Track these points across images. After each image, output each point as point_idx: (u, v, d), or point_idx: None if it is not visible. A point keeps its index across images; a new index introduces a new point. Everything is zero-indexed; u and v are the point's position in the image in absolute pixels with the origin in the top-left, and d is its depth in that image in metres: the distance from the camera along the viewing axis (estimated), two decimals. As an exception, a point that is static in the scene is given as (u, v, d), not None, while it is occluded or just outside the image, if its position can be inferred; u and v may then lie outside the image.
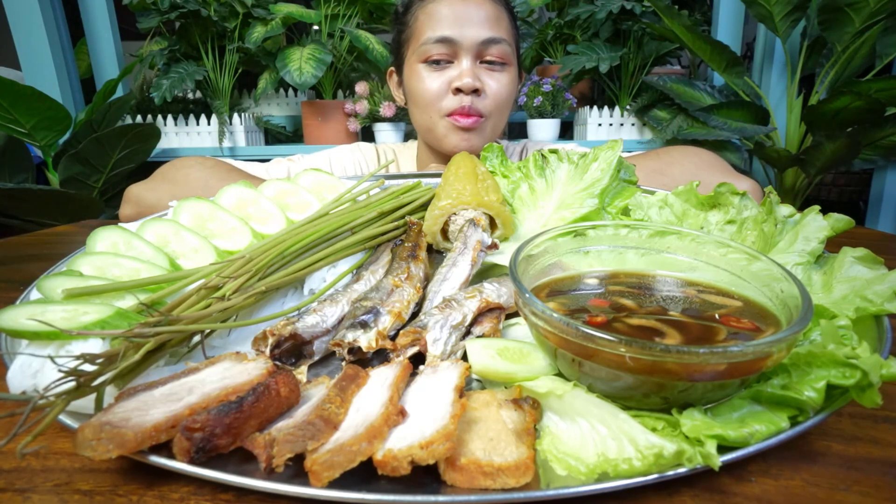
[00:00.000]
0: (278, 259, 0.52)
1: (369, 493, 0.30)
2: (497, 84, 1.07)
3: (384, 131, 2.54)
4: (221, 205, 0.62)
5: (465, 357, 0.43)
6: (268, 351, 0.44)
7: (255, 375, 0.38)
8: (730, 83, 2.33)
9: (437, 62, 1.08)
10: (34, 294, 0.47)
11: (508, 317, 0.52)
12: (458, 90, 1.05)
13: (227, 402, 0.33)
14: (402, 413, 0.35)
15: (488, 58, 1.06)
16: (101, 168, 2.16)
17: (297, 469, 0.31)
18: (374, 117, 2.51)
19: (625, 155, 0.95)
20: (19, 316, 0.40)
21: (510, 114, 1.17)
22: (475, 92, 1.05)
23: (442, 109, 1.08)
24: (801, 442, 0.36)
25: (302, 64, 2.29)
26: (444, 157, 1.14)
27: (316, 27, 2.52)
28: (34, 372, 0.38)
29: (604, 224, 0.51)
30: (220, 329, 0.47)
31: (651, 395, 0.35)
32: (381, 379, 0.39)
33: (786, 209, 0.52)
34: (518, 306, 0.40)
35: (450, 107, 1.07)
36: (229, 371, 0.39)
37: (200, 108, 2.62)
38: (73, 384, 0.33)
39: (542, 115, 2.46)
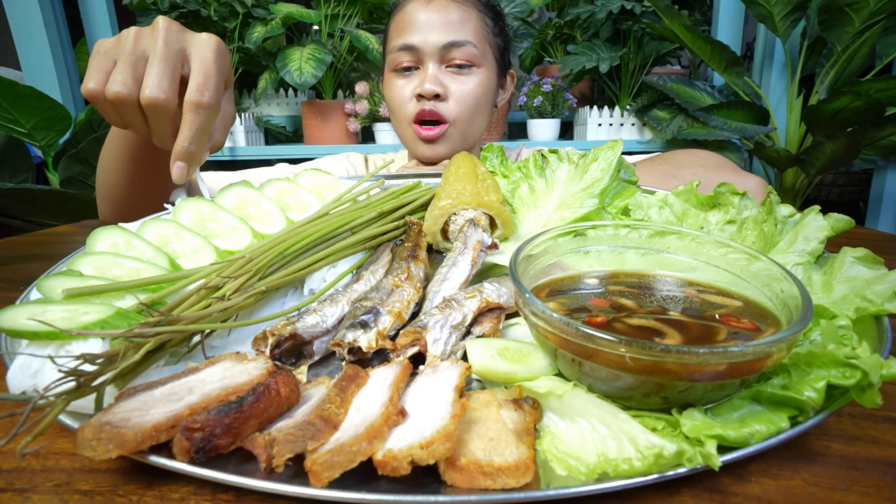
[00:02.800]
0: (278, 259, 0.52)
1: (369, 493, 0.30)
2: (462, 87, 1.07)
3: (384, 131, 2.54)
4: (221, 205, 0.62)
5: (465, 357, 0.43)
6: (268, 351, 0.44)
7: (255, 375, 0.38)
8: (730, 83, 2.33)
9: (405, 69, 1.08)
10: (34, 294, 0.47)
11: (508, 317, 0.52)
12: (420, 96, 1.06)
13: (227, 402, 0.33)
14: (402, 413, 0.35)
15: (456, 61, 1.06)
16: (101, 168, 2.15)
17: (297, 469, 0.31)
18: (374, 117, 2.51)
19: (631, 160, 0.95)
20: (19, 316, 0.40)
21: (490, 115, 1.16)
22: (437, 97, 1.05)
23: (408, 116, 1.09)
24: (801, 442, 0.36)
25: (302, 64, 2.29)
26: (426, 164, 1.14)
27: (316, 27, 2.52)
28: (34, 372, 0.38)
29: (604, 224, 0.51)
30: (220, 329, 0.47)
31: (651, 395, 0.35)
32: (381, 379, 0.39)
33: (786, 209, 0.52)
34: (518, 306, 0.40)
35: (413, 111, 1.08)
36: (229, 371, 0.39)
37: (200, 108, 2.62)
38: (72, 384, 0.33)
39: (542, 116, 2.46)
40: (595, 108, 2.51)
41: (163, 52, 0.59)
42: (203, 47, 0.62)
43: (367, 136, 2.71)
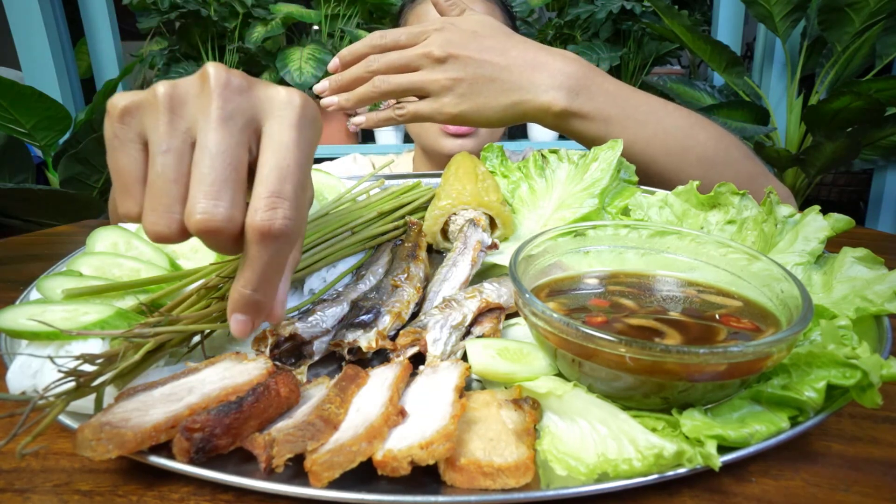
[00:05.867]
0: (278, 259, 0.52)
1: (369, 494, 0.30)
2: None
3: (384, 131, 2.54)
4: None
5: (465, 357, 0.43)
6: (268, 351, 0.44)
7: (255, 375, 0.38)
8: (730, 83, 2.33)
9: None
10: (34, 294, 0.47)
11: (508, 317, 0.52)
12: None
13: (226, 402, 0.33)
14: (402, 413, 0.35)
15: None
16: (101, 168, 2.15)
17: (296, 469, 0.31)
18: (374, 117, 2.51)
19: None
20: (19, 316, 0.40)
21: None
22: None
23: None
24: (801, 442, 0.36)
25: (302, 64, 2.29)
26: (441, 162, 1.13)
27: (316, 27, 2.52)
28: (34, 372, 0.38)
29: (604, 224, 0.51)
30: (220, 329, 0.47)
31: (651, 395, 0.35)
32: (381, 379, 0.39)
33: (786, 209, 0.52)
34: (518, 306, 0.40)
35: None
36: (229, 371, 0.39)
37: (200, 108, 2.62)
38: (72, 384, 0.33)
39: (542, 115, 2.46)
40: (595, 108, 2.51)
41: (220, 139, 0.35)
42: (280, 121, 0.37)
43: (367, 136, 2.71)
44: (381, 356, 0.46)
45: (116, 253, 0.52)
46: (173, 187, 0.35)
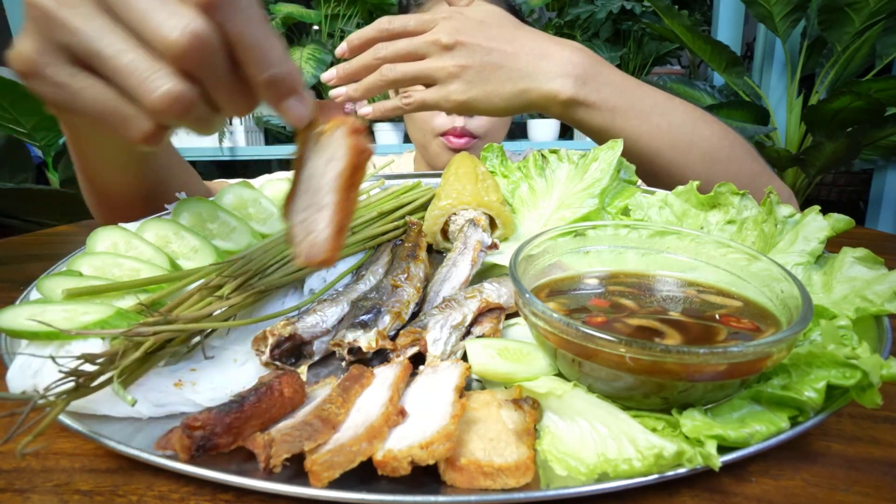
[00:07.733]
0: (278, 258, 0.52)
1: (369, 494, 0.30)
2: None
3: (384, 132, 2.54)
4: (221, 205, 0.62)
5: (465, 357, 0.44)
6: (268, 351, 0.44)
7: None
8: (730, 83, 2.33)
9: None
10: (34, 294, 0.47)
11: (508, 317, 0.52)
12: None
13: (228, 401, 0.33)
14: (402, 413, 0.35)
15: None
16: (102, 168, 2.15)
17: (297, 469, 0.31)
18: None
19: None
20: (19, 316, 0.40)
21: (511, 119, 1.16)
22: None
23: (435, 129, 1.06)
24: (801, 442, 0.36)
25: (302, 64, 2.30)
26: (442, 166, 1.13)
27: (316, 27, 2.53)
28: (34, 372, 0.38)
29: (604, 224, 0.51)
30: (220, 328, 0.47)
31: (651, 395, 0.35)
32: (381, 379, 0.39)
33: (786, 209, 0.52)
34: (518, 306, 0.40)
35: (442, 126, 1.05)
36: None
37: (200, 108, 2.62)
38: (72, 384, 0.33)
39: (542, 115, 2.46)
40: (595, 108, 2.51)
41: None
42: None
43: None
44: (381, 356, 0.46)
45: (116, 253, 0.52)
46: (141, 52, 0.31)
